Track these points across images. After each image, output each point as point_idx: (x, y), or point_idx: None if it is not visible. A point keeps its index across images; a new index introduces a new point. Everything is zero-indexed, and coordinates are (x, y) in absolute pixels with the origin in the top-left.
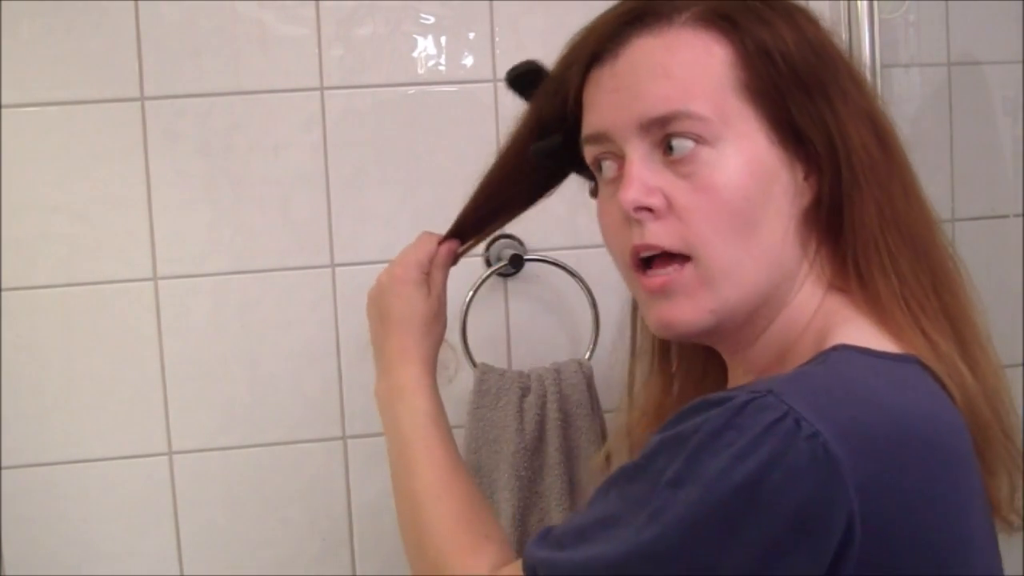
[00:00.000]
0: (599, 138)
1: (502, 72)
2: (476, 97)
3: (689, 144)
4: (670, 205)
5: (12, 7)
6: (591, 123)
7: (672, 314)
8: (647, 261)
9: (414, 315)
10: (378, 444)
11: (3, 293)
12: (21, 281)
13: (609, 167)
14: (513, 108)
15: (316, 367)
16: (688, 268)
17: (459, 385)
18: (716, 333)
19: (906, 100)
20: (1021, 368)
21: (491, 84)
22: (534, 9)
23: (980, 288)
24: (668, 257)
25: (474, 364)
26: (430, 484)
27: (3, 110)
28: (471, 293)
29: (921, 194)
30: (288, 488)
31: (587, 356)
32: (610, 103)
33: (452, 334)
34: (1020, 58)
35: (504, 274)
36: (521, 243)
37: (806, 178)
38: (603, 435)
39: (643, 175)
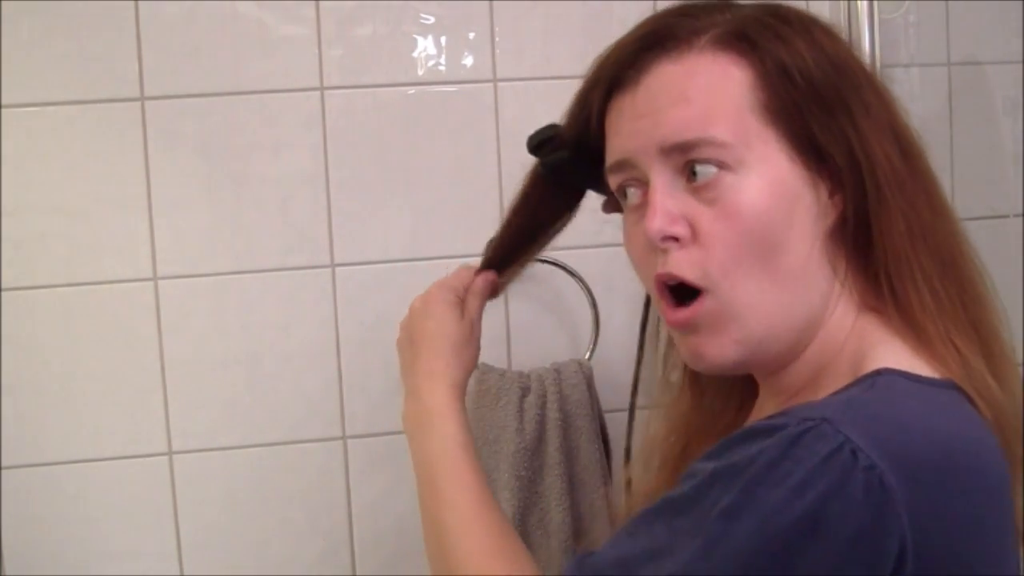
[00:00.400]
0: (622, 165)
1: (502, 72)
2: (476, 97)
3: (712, 170)
4: (695, 233)
5: (12, 7)
6: (614, 150)
7: (701, 348)
8: (674, 290)
9: (445, 336)
10: (378, 444)
11: (3, 293)
12: (21, 281)
13: (634, 194)
14: (513, 108)
15: (316, 367)
16: (705, 303)
17: None
18: (752, 363)
19: (906, 100)
20: (1022, 368)
21: (491, 84)
22: (534, 9)
23: None
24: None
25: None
26: (461, 516)
27: (3, 110)
28: None
29: (946, 204)
30: (288, 488)
31: (587, 356)
32: (631, 130)
33: None
34: (1020, 58)
35: None
36: None
37: (831, 196)
38: (603, 435)
39: (667, 203)
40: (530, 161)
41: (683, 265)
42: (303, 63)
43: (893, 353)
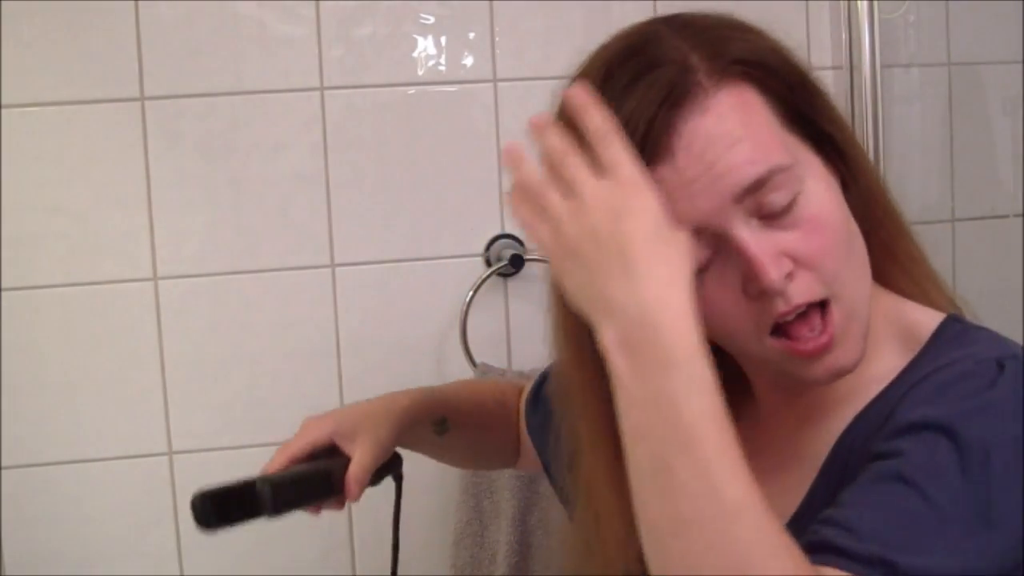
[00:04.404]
0: (690, 235)
1: (502, 72)
2: (476, 97)
3: (786, 198)
4: (796, 260)
5: (12, 7)
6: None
7: (842, 362)
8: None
9: (656, 225)
10: None
11: (3, 293)
12: (21, 281)
13: (703, 255)
14: (513, 108)
15: (316, 367)
16: (832, 311)
17: None
18: None
19: (906, 100)
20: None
21: (491, 84)
22: (534, 9)
23: (980, 288)
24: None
25: (474, 364)
26: (744, 494)
27: (3, 110)
28: (471, 293)
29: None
30: None
31: None
32: (690, 196)
33: (452, 333)
34: (1020, 58)
35: (504, 274)
36: (521, 243)
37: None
38: None
39: (764, 248)
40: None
41: (803, 292)
42: (303, 63)
43: (918, 308)
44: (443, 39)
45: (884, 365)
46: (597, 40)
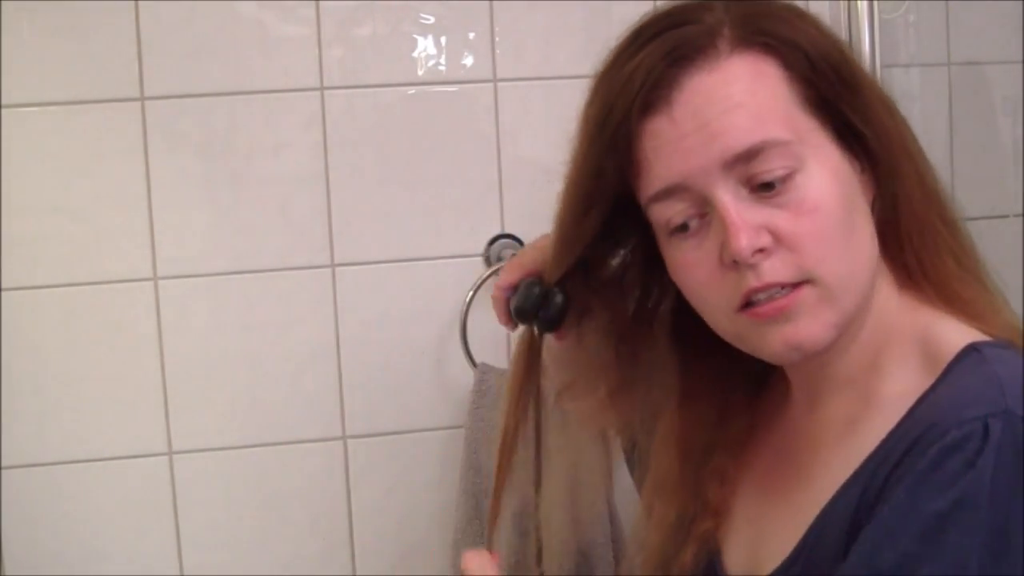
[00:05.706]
0: (674, 190)
1: (502, 72)
2: (476, 97)
3: (779, 173)
4: (778, 239)
5: (12, 7)
6: (661, 177)
7: (799, 335)
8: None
9: None
10: (378, 444)
11: (3, 293)
12: (21, 281)
13: (692, 221)
14: (513, 108)
15: (316, 367)
16: (805, 289)
17: (459, 385)
18: (834, 347)
19: (906, 100)
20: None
21: (491, 84)
22: (534, 9)
23: None
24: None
25: (474, 364)
26: None
27: (3, 110)
28: (471, 293)
29: (928, 159)
30: (288, 488)
31: None
32: (681, 151)
33: (452, 333)
34: (1020, 58)
35: None
36: (521, 243)
37: (860, 175)
38: (604, 434)
39: (745, 217)
40: (528, 159)
41: (778, 270)
42: (303, 63)
43: (954, 326)
44: (443, 39)
45: (903, 384)
46: (597, 40)
